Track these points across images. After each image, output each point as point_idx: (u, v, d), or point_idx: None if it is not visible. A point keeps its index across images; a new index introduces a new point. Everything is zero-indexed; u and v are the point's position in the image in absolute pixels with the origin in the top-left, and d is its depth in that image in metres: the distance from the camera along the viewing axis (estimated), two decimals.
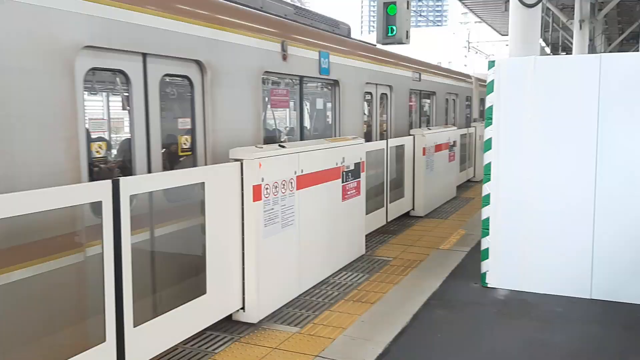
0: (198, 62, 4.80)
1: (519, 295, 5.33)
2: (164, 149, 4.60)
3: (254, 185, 4.52)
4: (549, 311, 4.96)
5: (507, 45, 8.75)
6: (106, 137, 5.77)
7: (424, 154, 9.12)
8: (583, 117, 5.24)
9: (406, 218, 8.85)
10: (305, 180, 5.32)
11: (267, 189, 4.68)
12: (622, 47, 28.00)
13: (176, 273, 4.35)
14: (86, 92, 3.96)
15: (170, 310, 3.91)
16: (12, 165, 3.20)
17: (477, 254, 5.74)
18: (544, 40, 26.83)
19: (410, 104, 10.47)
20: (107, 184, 3.30)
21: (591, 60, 5.28)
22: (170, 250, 4.39)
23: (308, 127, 8.07)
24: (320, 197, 5.67)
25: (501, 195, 5.54)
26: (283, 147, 5.11)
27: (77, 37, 3.61)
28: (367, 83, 8.35)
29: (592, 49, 18.54)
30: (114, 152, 5.42)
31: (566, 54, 24.94)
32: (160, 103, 4.43)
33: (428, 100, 11.99)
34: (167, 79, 4.69)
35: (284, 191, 4.95)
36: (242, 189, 4.54)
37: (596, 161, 5.21)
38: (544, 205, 5.39)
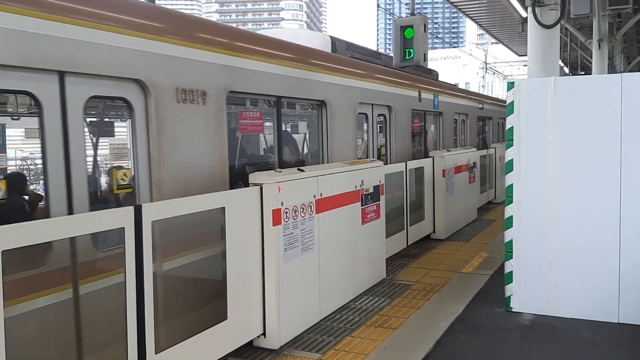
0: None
1: (545, 320, 5.21)
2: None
3: (273, 210, 4.52)
4: (576, 336, 4.84)
5: (524, 65, 8.71)
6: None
7: (443, 176, 9.05)
8: (606, 138, 5.17)
9: (427, 241, 8.76)
10: (324, 204, 5.31)
11: (286, 213, 4.68)
12: None
13: (198, 299, 4.33)
14: None
15: (192, 336, 3.89)
16: None
17: (501, 278, 5.65)
18: (563, 60, 26.71)
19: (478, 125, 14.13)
20: (130, 210, 3.32)
21: (612, 80, 5.23)
22: (193, 276, 4.38)
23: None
24: (340, 220, 5.65)
25: (524, 218, 5.46)
26: (302, 170, 5.11)
27: None
28: (456, 112, 11.91)
29: (611, 68, 18.39)
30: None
31: (585, 73, 24.80)
32: None
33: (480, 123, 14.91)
34: None
35: (303, 215, 4.94)
36: (262, 213, 4.53)
37: (620, 182, 5.12)
38: (568, 227, 5.30)
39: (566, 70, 28.27)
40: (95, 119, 4.35)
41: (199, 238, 4.41)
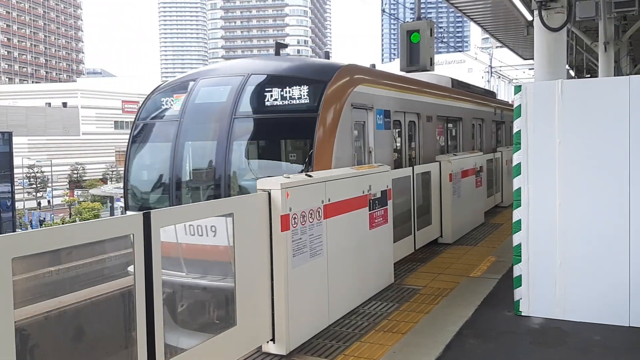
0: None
1: (555, 324, 5.18)
2: None
3: (282, 215, 4.53)
4: (587, 340, 4.81)
5: (530, 69, 8.70)
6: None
7: (450, 180, 9.04)
8: (614, 141, 5.15)
9: (434, 245, 8.73)
10: (332, 209, 5.31)
11: (294, 218, 4.68)
12: None
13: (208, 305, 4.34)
14: None
15: (202, 342, 3.89)
16: None
17: (509, 282, 5.63)
18: (568, 63, 26.58)
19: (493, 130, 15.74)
20: (139, 217, 3.33)
21: (620, 83, 5.22)
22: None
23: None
24: (348, 225, 5.65)
25: (532, 221, 5.44)
26: (310, 176, 5.12)
27: None
28: (474, 118, 13.43)
29: (617, 71, 18.32)
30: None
31: (591, 76, 24.71)
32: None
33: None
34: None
35: (311, 220, 4.94)
36: (270, 219, 4.54)
37: (630, 185, 5.10)
38: (577, 231, 5.28)
39: (572, 73, 28.18)
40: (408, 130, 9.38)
41: None
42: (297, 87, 6.66)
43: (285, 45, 8.85)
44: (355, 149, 7.29)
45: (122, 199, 9.80)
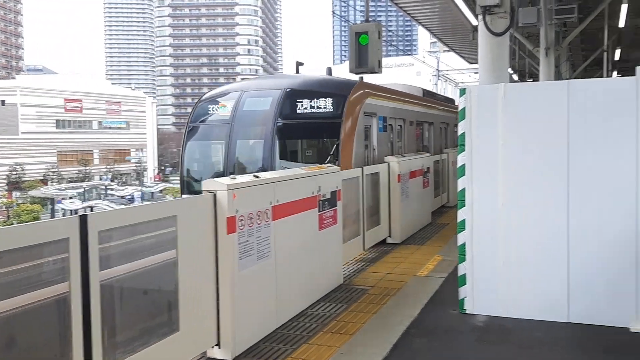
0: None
1: (498, 321, 5.30)
2: None
3: (228, 217, 4.44)
4: (529, 336, 4.94)
5: (475, 72, 8.92)
6: None
7: (399, 181, 9.14)
8: (554, 142, 5.31)
9: (383, 245, 8.81)
10: (281, 211, 5.26)
11: (241, 220, 4.61)
12: (586, 73, 28.86)
13: (148, 310, 4.21)
14: None
15: (142, 349, 3.76)
16: None
17: (455, 280, 5.72)
18: (512, 67, 27.47)
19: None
20: (75, 220, 3.19)
21: (560, 87, 5.39)
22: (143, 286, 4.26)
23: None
24: (297, 227, 5.61)
25: (476, 221, 5.55)
26: (257, 177, 5.06)
27: None
28: (441, 122, 15.49)
29: (557, 76, 19.03)
30: None
31: (533, 80, 25.59)
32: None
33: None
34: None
35: (259, 222, 4.88)
36: (216, 221, 4.45)
37: (568, 186, 5.27)
38: (519, 230, 5.42)
39: (515, 77, 29.08)
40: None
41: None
42: (324, 99, 9.09)
43: (302, 64, 11.19)
44: (365, 146, 9.72)
45: (63, 200, 12.63)
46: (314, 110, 9.12)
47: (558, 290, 5.29)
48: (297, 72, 10.94)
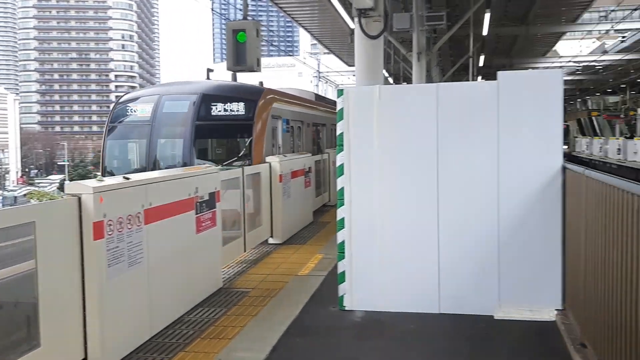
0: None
1: (375, 316, 5.44)
2: None
3: (94, 222, 4.13)
4: (403, 329, 5.12)
5: (354, 75, 9.14)
6: None
7: (280, 181, 9.13)
8: (425, 143, 5.56)
9: (265, 246, 8.75)
10: (154, 214, 5.00)
11: (110, 225, 4.31)
12: (455, 78, 30.86)
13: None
14: None
15: None
16: None
17: (335, 278, 5.79)
18: (387, 71, 28.67)
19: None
20: None
21: (430, 89, 5.65)
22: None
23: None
24: (172, 230, 5.37)
25: (355, 219, 5.66)
26: (128, 179, 4.76)
27: None
28: (332, 124, 15.47)
29: (429, 79, 20.14)
30: None
31: (407, 84, 26.88)
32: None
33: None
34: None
35: (130, 227, 4.60)
36: (81, 227, 4.12)
37: (438, 183, 5.53)
38: (394, 227, 5.60)
39: (390, 80, 30.36)
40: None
41: None
42: (237, 103, 10.26)
43: (212, 70, 12.20)
44: (272, 145, 11.01)
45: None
46: (227, 113, 10.26)
47: (430, 284, 5.54)
48: (208, 78, 12.07)
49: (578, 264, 4.74)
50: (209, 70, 12.21)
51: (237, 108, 10.27)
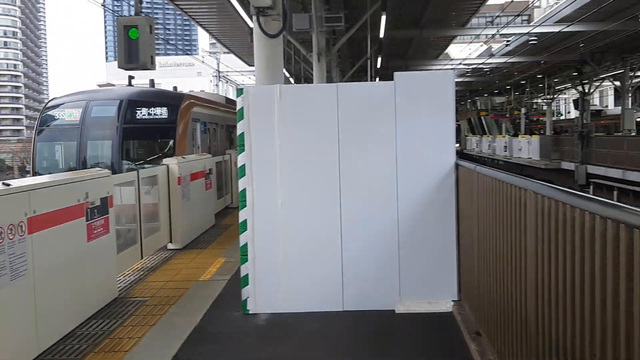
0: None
1: (280, 318, 5.39)
2: None
3: None
4: (308, 329, 5.10)
5: (255, 75, 9.03)
6: None
7: (179, 184, 8.83)
8: (327, 142, 5.58)
9: (164, 252, 8.42)
10: (39, 222, 4.63)
11: None
12: (354, 79, 31.55)
13: None
14: None
15: None
16: None
17: (238, 281, 5.67)
18: (288, 71, 28.79)
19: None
20: None
21: (330, 89, 5.68)
22: None
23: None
24: (60, 239, 5.01)
25: (257, 221, 5.57)
26: (8, 185, 4.37)
27: None
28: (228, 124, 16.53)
29: (329, 80, 20.42)
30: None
31: (308, 84, 27.08)
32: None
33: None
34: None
35: (11, 237, 4.22)
36: None
37: (340, 182, 5.58)
38: (297, 228, 5.57)
39: (292, 81, 30.50)
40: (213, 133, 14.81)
41: None
42: (161, 108, 11.68)
43: (133, 77, 13.16)
44: (192, 145, 12.33)
45: None
46: (152, 117, 11.64)
47: (334, 282, 5.58)
48: (130, 84, 13.32)
49: (471, 257, 4.96)
50: (131, 78, 13.44)
51: (161, 112, 11.69)
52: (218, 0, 19.07)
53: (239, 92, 5.72)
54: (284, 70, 27.02)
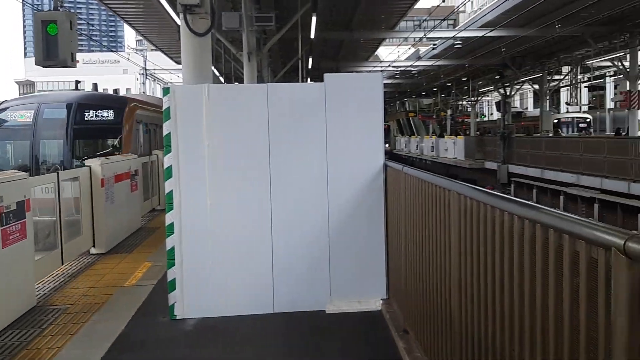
0: None
1: (209, 322, 5.28)
2: None
3: None
4: (238, 333, 5.03)
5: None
6: None
7: (102, 186, 8.49)
8: (257, 143, 5.52)
9: (86, 257, 8.08)
10: None
11: None
12: (286, 79, 31.55)
13: None
14: None
15: None
16: None
17: (166, 286, 5.51)
18: (219, 70, 28.40)
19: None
20: None
21: (260, 89, 5.63)
22: None
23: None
24: None
25: (185, 224, 5.44)
26: None
27: None
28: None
29: (260, 80, 20.28)
30: None
31: (239, 83, 26.84)
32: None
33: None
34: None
35: None
36: None
37: (270, 183, 5.53)
38: (227, 230, 5.48)
39: (222, 79, 30.10)
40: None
41: None
42: (107, 110, 12.88)
43: (80, 82, 15.02)
44: (136, 144, 13.17)
45: None
46: (99, 119, 12.86)
47: (264, 284, 5.52)
48: (77, 88, 14.81)
49: (399, 256, 5.06)
50: (77, 82, 15.44)
51: (108, 114, 12.90)
52: None
53: (165, 91, 5.57)
54: (214, 69, 26.64)
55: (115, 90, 14.47)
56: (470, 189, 3.07)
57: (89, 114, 12.78)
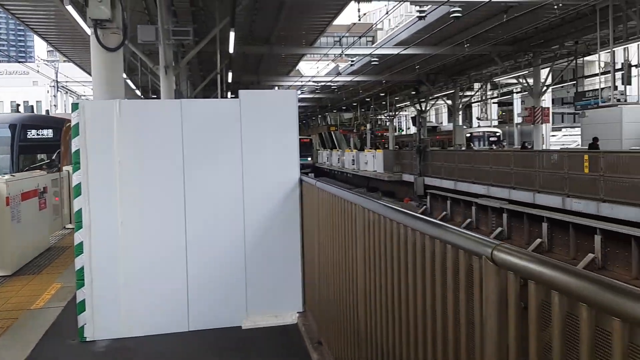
0: None
1: (121, 343, 5.15)
2: None
3: None
4: (151, 352, 4.95)
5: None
6: None
7: (8, 205, 8.07)
8: (171, 160, 5.47)
9: None
10: None
11: None
12: (205, 92, 31.23)
13: None
14: None
15: None
16: None
17: (75, 308, 5.32)
18: (135, 83, 27.72)
19: None
20: None
21: (173, 105, 5.60)
22: None
23: None
24: None
25: (95, 243, 5.29)
26: None
27: None
28: None
29: (178, 94, 19.98)
30: None
31: (157, 97, 26.28)
32: None
33: None
34: None
35: None
36: None
37: (185, 200, 5.49)
38: (139, 248, 5.38)
39: (138, 93, 29.39)
40: None
41: None
42: (47, 130, 15.10)
43: (20, 104, 17.33)
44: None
45: None
46: (41, 137, 14.97)
47: (179, 302, 5.46)
48: (17, 110, 16.23)
49: (314, 268, 5.17)
50: (17, 105, 17.02)
51: (48, 133, 15.03)
52: (55, 7, 17.86)
53: (74, 106, 5.42)
54: (130, 82, 25.95)
55: (47, 112, 16.80)
56: (373, 202, 3.23)
57: (31, 133, 15.02)
